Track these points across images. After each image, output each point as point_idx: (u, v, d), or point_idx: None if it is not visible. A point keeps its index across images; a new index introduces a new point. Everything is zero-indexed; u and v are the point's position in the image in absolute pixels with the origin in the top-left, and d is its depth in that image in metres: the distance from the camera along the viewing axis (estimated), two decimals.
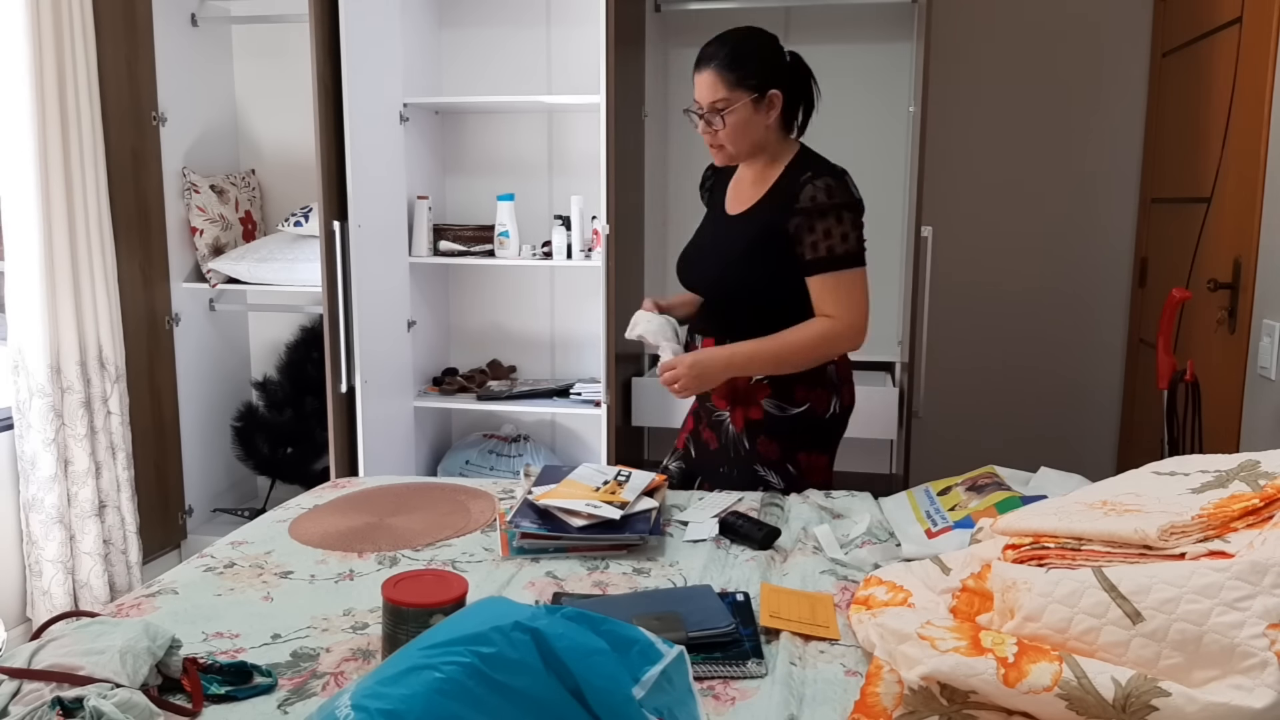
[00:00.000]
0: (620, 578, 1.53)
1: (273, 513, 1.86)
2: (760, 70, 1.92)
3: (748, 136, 1.95)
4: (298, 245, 3.28)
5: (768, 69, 1.93)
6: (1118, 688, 0.97)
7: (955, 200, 3.44)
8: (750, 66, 1.91)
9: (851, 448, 3.52)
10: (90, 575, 2.88)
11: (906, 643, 1.11)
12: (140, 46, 3.12)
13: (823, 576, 1.53)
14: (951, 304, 3.49)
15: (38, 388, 2.74)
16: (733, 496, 1.92)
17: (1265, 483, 1.16)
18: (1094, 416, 3.46)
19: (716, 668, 1.22)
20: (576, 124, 3.39)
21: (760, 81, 1.92)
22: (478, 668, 0.86)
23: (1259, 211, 2.26)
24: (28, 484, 2.77)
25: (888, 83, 3.32)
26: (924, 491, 1.84)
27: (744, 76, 1.91)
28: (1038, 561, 1.18)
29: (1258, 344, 2.25)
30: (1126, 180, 3.33)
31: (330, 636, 1.32)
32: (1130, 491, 1.29)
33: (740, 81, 1.91)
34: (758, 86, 1.92)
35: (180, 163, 3.34)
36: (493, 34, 3.41)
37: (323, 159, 2.81)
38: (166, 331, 3.29)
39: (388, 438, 3.08)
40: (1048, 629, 1.06)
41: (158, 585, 1.49)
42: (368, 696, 0.84)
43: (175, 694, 1.16)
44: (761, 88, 1.92)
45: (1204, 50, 2.74)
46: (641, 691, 0.91)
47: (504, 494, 1.92)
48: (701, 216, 2.22)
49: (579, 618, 0.95)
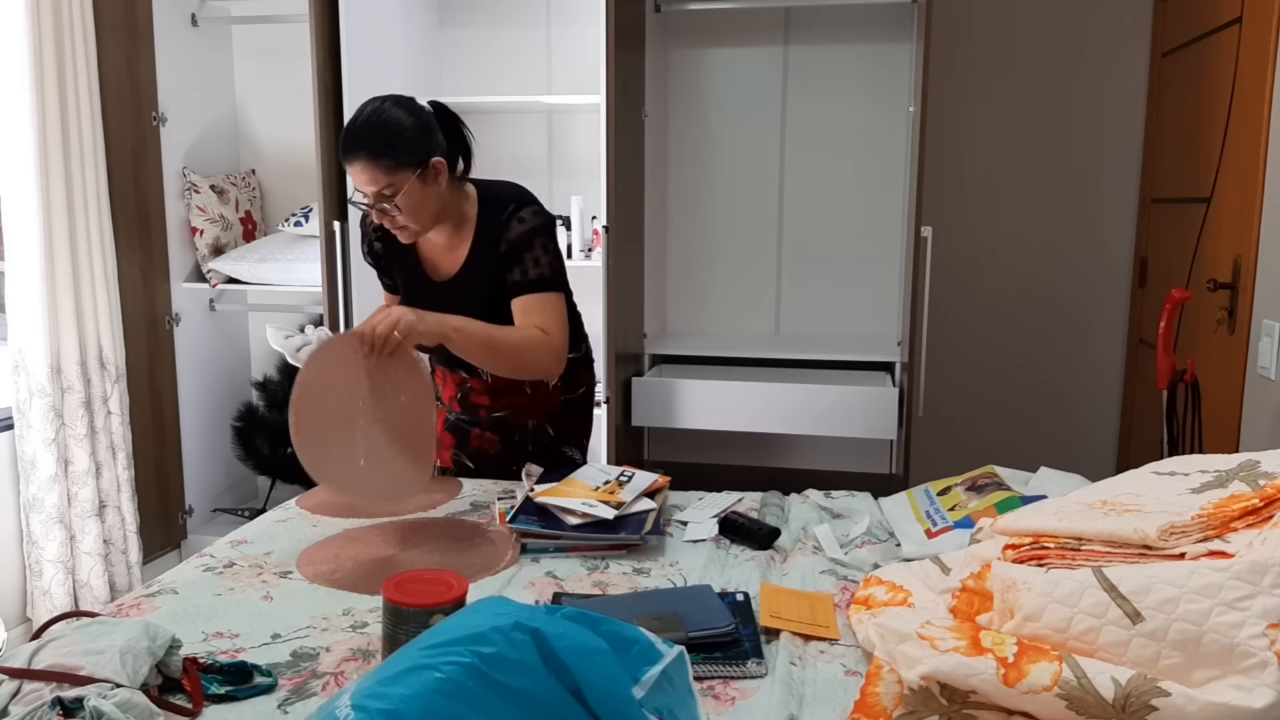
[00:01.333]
0: (620, 578, 1.53)
1: (273, 513, 1.86)
2: (414, 144, 1.79)
3: (427, 210, 1.84)
4: (298, 245, 3.28)
5: (421, 139, 1.81)
6: (1117, 688, 0.97)
7: (955, 200, 3.44)
8: (403, 144, 1.77)
9: (852, 448, 3.53)
10: (90, 575, 2.88)
11: (906, 643, 1.11)
12: (140, 46, 3.12)
13: (823, 576, 1.53)
14: (951, 304, 3.49)
15: (38, 388, 2.74)
16: (733, 496, 1.92)
17: (1265, 483, 1.16)
18: (1094, 416, 3.46)
19: (716, 668, 1.22)
20: (576, 124, 3.39)
21: (419, 156, 1.80)
22: (478, 668, 0.86)
23: (1259, 211, 2.26)
24: (28, 484, 2.77)
25: (888, 83, 3.32)
26: (924, 491, 1.84)
27: (400, 157, 1.77)
28: (1037, 561, 1.18)
29: (1257, 344, 2.25)
30: (1126, 180, 3.33)
31: (330, 636, 1.32)
32: (1130, 491, 1.29)
33: (398, 164, 1.77)
34: (418, 161, 1.80)
35: (180, 163, 3.34)
36: (493, 34, 3.41)
37: (323, 159, 2.81)
38: (167, 331, 3.29)
39: None
40: (1048, 629, 1.06)
41: (158, 585, 1.49)
42: (368, 696, 0.84)
43: (175, 694, 1.16)
44: (423, 160, 1.80)
45: (1204, 50, 2.74)
46: (641, 691, 0.91)
47: (504, 494, 1.93)
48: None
49: (579, 618, 0.96)
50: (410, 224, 1.84)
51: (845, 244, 3.44)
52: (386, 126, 1.78)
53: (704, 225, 3.53)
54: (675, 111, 3.48)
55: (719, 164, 3.49)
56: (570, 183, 3.43)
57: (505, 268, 1.90)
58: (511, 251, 1.89)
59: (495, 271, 1.92)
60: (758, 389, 3.03)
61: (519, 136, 3.44)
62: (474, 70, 3.43)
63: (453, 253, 1.96)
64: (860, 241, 3.43)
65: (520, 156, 3.45)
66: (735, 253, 3.52)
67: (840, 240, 3.44)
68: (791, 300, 3.51)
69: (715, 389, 3.06)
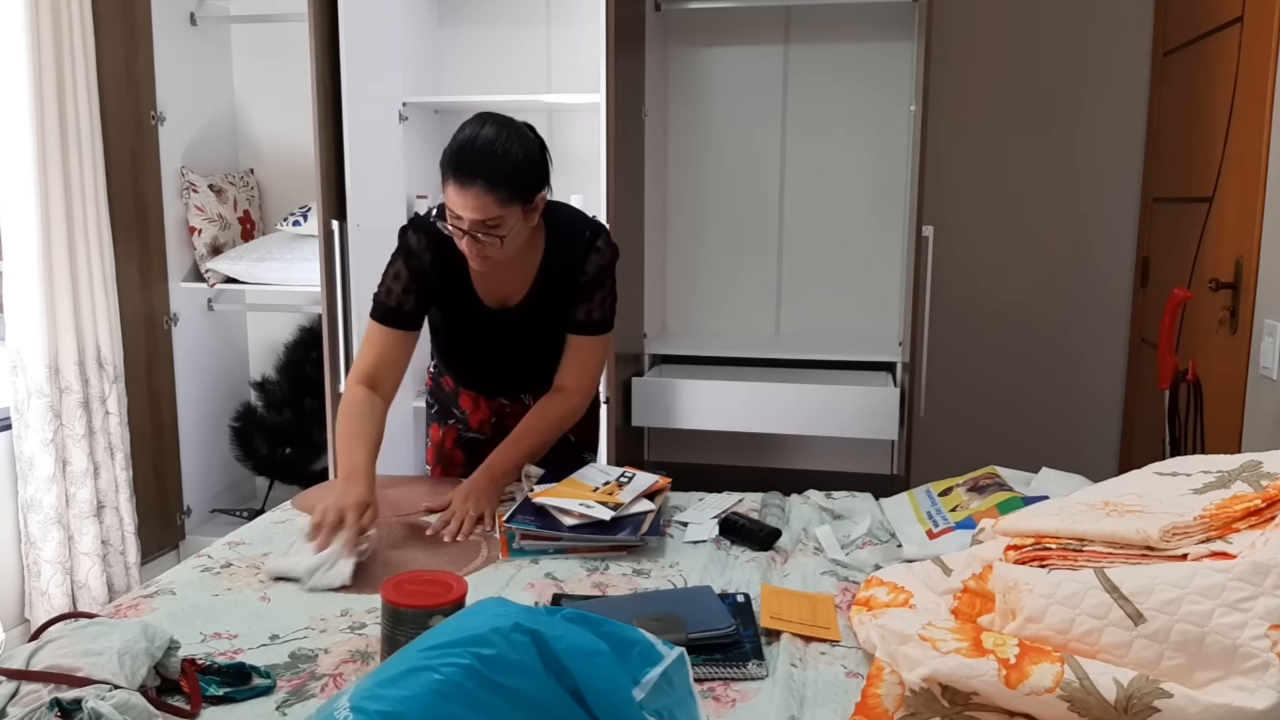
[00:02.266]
0: (620, 579, 1.53)
1: (271, 514, 1.86)
2: (530, 178, 1.71)
3: (516, 243, 1.75)
4: (296, 245, 3.28)
5: (536, 172, 1.73)
6: (1119, 689, 0.96)
7: (955, 200, 3.44)
8: (521, 177, 1.69)
9: (852, 448, 3.53)
10: (88, 576, 2.88)
11: (908, 644, 1.11)
12: (139, 46, 3.12)
13: (823, 577, 1.53)
14: (952, 304, 3.49)
15: (36, 388, 2.74)
16: (733, 497, 1.92)
17: (1267, 483, 1.16)
18: (1096, 417, 3.46)
19: (717, 669, 1.22)
20: (576, 124, 3.39)
21: (531, 190, 1.72)
22: (477, 669, 0.86)
23: (1260, 211, 2.26)
24: (26, 484, 2.77)
25: (888, 83, 3.32)
26: (925, 492, 1.83)
27: (516, 190, 1.68)
28: (1039, 562, 1.17)
29: (1259, 344, 2.25)
30: (1128, 180, 3.33)
31: (328, 637, 1.32)
32: (1132, 492, 1.28)
33: (512, 197, 1.68)
34: (529, 196, 1.72)
35: (179, 162, 3.34)
36: (493, 33, 3.40)
37: (322, 158, 2.81)
38: (165, 331, 3.29)
39: (387, 438, 3.06)
40: (1049, 630, 1.05)
41: (155, 586, 1.49)
42: (367, 698, 0.84)
43: (173, 695, 1.16)
44: (532, 196, 1.72)
45: (1205, 50, 2.73)
46: (642, 693, 0.91)
47: (504, 495, 1.92)
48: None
49: (579, 619, 0.95)
50: (496, 255, 1.74)
51: (846, 243, 3.43)
52: (509, 156, 1.67)
53: (704, 225, 3.52)
54: (675, 111, 3.47)
55: (719, 163, 3.48)
56: (570, 182, 3.43)
57: (578, 299, 1.86)
58: (590, 284, 1.86)
59: (565, 300, 1.86)
60: (758, 389, 3.02)
61: None
62: (473, 69, 3.43)
63: (515, 281, 1.86)
64: (861, 241, 3.42)
65: None
66: (735, 252, 3.51)
67: (841, 240, 3.43)
68: (792, 300, 3.51)
69: (715, 389, 3.06)
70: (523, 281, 1.86)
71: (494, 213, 1.67)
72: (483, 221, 1.67)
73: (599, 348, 1.93)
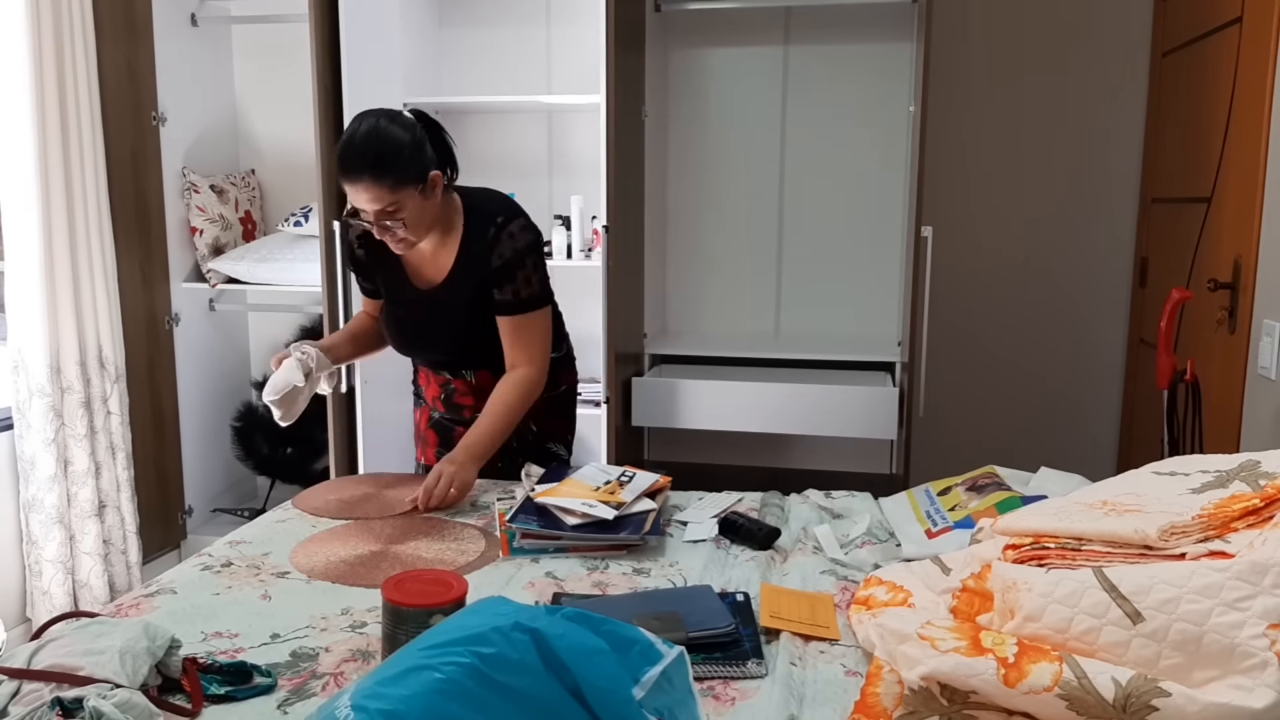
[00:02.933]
0: (620, 578, 1.53)
1: (272, 513, 1.86)
2: (414, 161, 1.80)
3: (424, 222, 1.87)
4: (297, 245, 3.28)
5: (419, 154, 1.81)
6: (1118, 688, 0.97)
7: (955, 200, 3.44)
8: (403, 162, 1.78)
9: (852, 448, 3.53)
10: (90, 575, 2.88)
11: (907, 643, 1.11)
12: (140, 46, 3.12)
13: (823, 577, 1.53)
14: (952, 304, 3.49)
15: (37, 388, 2.74)
16: (733, 497, 1.92)
17: (1265, 483, 1.16)
18: (1094, 416, 3.46)
19: (716, 668, 1.22)
20: (576, 124, 3.39)
21: (419, 172, 1.81)
22: (477, 668, 0.86)
23: (1259, 211, 2.26)
24: (28, 484, 2.77)
25: (888, 83, 3.32)
26: (924, 491, 1.83)
27: (402, 175, 1.78)
28: (1038, 562, 1.18)
29: (1258, 344, 2.25)
30: (1127, 180, 3.33)
31: (329, 636, 1.32)
32: (1130, 491, 1.29)
33: (401, 182, 1.78)
34: (419, 177, 1.81)
35: (180, 162, 3.34)
36: (493, 34, 3.41)
37: (323, 159, 2.81)
38: (166, 331, 3.29)
39: (387, 438, 3.07)
40: (1048, 629, 1.06)
41: (157, 585, 1.49)
42: (367, 697, 0.84)
43: (175, 694, 1.16)
44: (423, 176, 1.82)
45: (1204, 50, 2.74)
46: (642, 692, 0.91)
47: (504, 494, 1.92)
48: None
49: (579, 618, 0.95)
50: (409, 237, 1.86)
51: (845, 244, 3.44)
52: (386, 145, 1.77)
53: (704, 225, 3.53)
54: (675, 111, 3.48)
55: (719, 164, 3.48)
56: (570, 182, 3.43)
57: (496, 283, 1.93)
58: (504, 269, 1.92)
59: (481, 281, 1.94)
60: (758, 389, 3.03)
61: (519, 136, 3.44)
62: (474, 70, 3.43)
63: (438, 261, 1.98)
64: (860, 241, 3.42)
65: (520, 156, 3.45)
66: (735, 252, 3.52)
67: (840, 240, 3.44)
68: (791, 300, 3.51)
69: (715, 389, 3.06)
70: (445, 263, 1.97)
71: (388, 200, 1.79)
72: (382, 210, 1.80)
73: (534, 323, 1.97)
